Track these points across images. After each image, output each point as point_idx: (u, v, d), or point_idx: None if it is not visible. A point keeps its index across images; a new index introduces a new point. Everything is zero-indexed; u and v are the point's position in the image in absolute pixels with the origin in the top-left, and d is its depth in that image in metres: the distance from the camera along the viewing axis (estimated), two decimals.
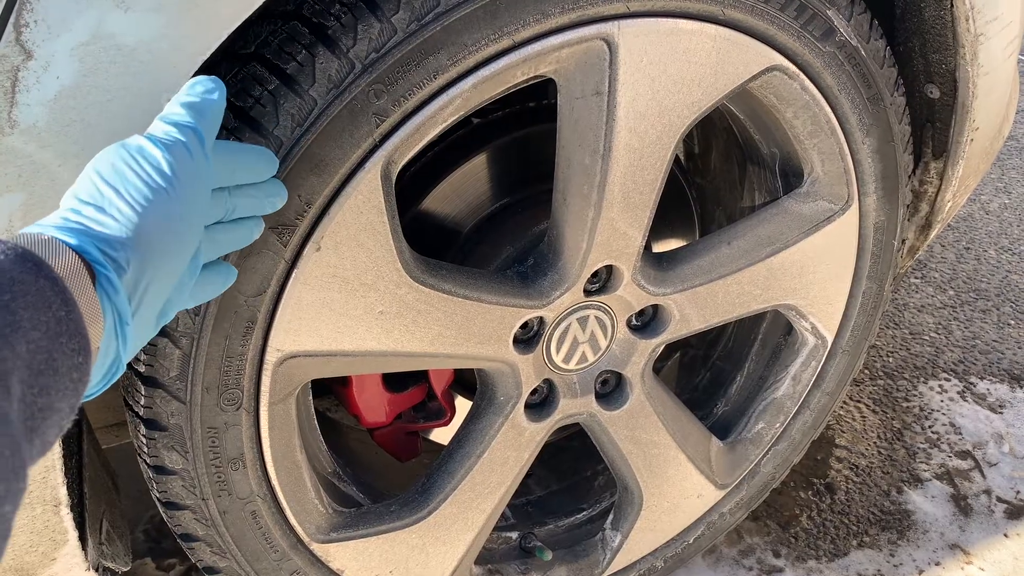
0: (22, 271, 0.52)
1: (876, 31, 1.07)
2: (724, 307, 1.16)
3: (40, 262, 0.54)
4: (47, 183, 0.68)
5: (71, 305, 0.54)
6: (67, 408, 0.54)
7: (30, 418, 0.50)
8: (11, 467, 0.46)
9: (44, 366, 0.51)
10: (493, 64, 0.84)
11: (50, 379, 0.52)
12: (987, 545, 1.58)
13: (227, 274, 0.76)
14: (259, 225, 0.76)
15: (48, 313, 0.52)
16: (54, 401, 0.52)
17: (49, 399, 0.52)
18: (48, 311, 0.52)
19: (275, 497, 0.98)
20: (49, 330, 0.52)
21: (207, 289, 0.74)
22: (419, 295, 0.92)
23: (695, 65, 0.94)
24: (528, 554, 1.30)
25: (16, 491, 0.47)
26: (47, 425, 0.52)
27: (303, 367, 0.91)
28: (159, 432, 0.88)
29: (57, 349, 0.52)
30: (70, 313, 0.54)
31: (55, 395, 0.52)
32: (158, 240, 0.61)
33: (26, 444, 0.49)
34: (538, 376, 1.08)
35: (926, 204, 1.35)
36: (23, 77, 0.63)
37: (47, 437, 0.52)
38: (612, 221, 0.99)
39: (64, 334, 0.53)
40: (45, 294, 0.52)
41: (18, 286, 0.51)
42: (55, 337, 0.52)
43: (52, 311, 0.52)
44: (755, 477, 1.38)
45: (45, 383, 0.51)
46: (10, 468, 0.46)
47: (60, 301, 0.53)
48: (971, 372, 1.95)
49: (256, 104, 0.77)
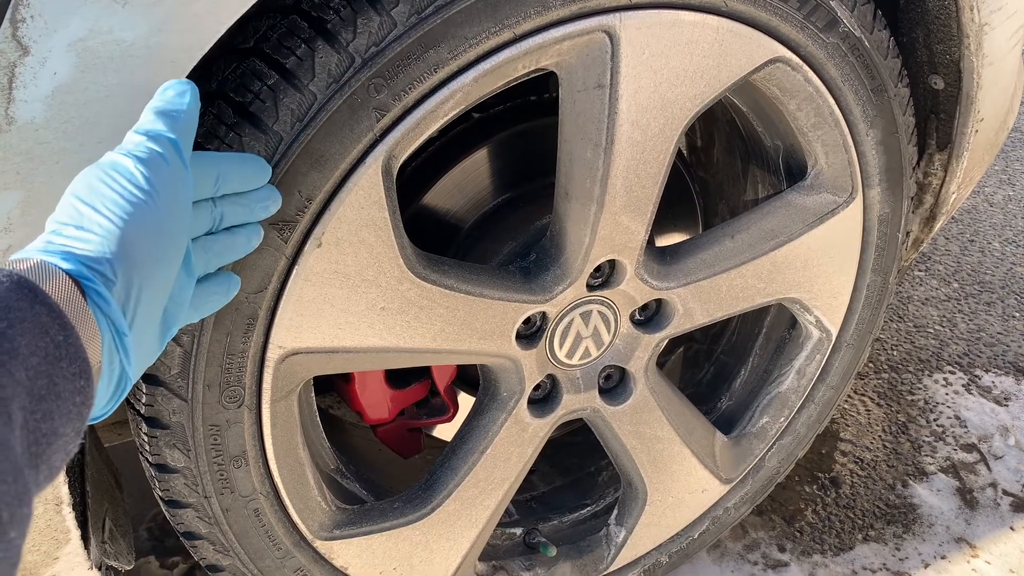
0: (18, 298, 0.52)
1: (879, 21, 1.06)
2: (728, 301, 1.15)
3: (35, 288, 0.53)
4: (46, 180, 0.67)
5: (69, 329, 0.54)
6: (72, 432, 0.54)
7: (34, 444, 0.50)
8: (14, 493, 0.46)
9: (45, 391, 0.51)
10: (494, 57, 0.83)
11: (52, 404, 0.51)
12: (993, 538, 1.57)
13: (229, 284, 0.75)
14: (257, 233, 0.76)
15: (46, 338, 0.52)
16: (58, 426, 0.52)
17: (52, 424, 0.51)
18: (46, 336, 0.52)
19: (278, 494, 0.97)
20: (48, 355, 0.52)
21: (209, 301, 0.74)
22: (421, 291, 0.92)
23: (698, 57, 0.93)
24: (532, 550, 1.30)
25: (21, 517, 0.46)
26: (52, 451, 0.52)
27: (305, 364, 0.90)
28: (161, 430, 0.88)
29: (58, 374, 0.52)
30: (68, 337, 0.54)
31: (58, 420, 0.52)
32: (142, 248, 0.61)
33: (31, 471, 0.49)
34: (541, 371, 1.08)
35: (930, 196, 1.34)
36: (20, 73, 0.63)
37: (53, 463, 0.52)
38: (615, 215, 0.98)
39: (64, 358, 0.53)
40: (42, 319, 0.52)
41: (14, 313, 0.51)
42: (55, 362, 0.52)
43: (50, 336, 0.52)
44: (760, 471, 1.38)
45: (47, 408, 0.51)
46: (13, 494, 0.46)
47: (58, 326, 0.53)
48: (976, 365, 1.95)
49: (255, 99, 0.77)
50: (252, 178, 0.74)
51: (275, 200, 0.76)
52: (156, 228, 0.62)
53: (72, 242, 0.59)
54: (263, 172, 0.75)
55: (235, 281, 0.76)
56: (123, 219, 0.60)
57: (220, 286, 0.75)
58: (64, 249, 0.59)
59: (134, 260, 0.60)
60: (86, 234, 0.59)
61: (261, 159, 0.75)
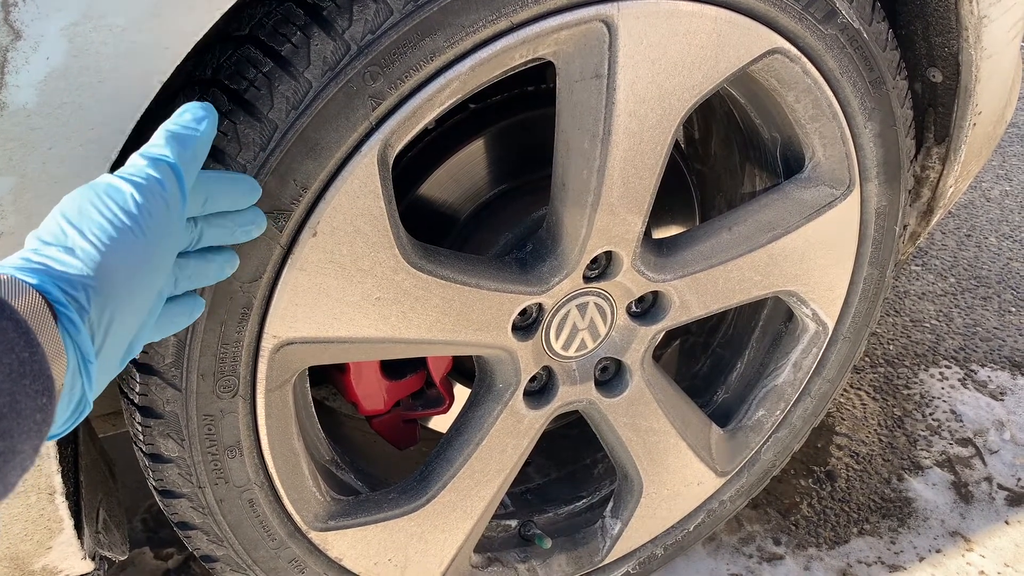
0: None
1: (878, 13, 1.05)
2: (725, 293, 1.15)
3: (2, 303, 0.52)
4: (38, 167, 0.67)
5: (35, 346, 0.52)
6: (30, 449, 0.52)
7: None
8: None
9: (7, 409, 0.50)
10: (491, 46, 0.82)
11: (12, 423, 0.50)
12: (988, 532, 1.58)
13: (194, 306, 0.73)
14: (231, 262, 0.74)
15: (11, 355, 0.51)
16: (16, 444, 0.51)
17: (11, 442, 0.50)
18: (11, 353, 0.51)
19: (272, 485, 0.97)
20: (12, 372, 0.50)
21: (174, 321, 0.72)
22: (416, 281, 0.91)
23: (696, 47, 0.93)
24: (527, 542, 1.30)
25: None
26: (9, 468, 0.50)
27: (300, 354, 0.90)
28: (155, 420, 0.88)
29: (20, 391, 0.51)
30: (34, 355, 0.52)
31: (17, 438, 0.51)
32: (123, 280, 0.59)
33: None
34: (537, 363, 1.07)
35: (928, 189, 1.34)
36: (12, 58, 0.62)
37: (9, 479, 0.51)
38: (612, 206, 0.98)
39: (27, 375, 0.51)
40: (8, 335, 0.51)
41: None
42: (18, 379, 0.51)
43: (15, 353, 0.51)
44: (755, 465, 1.38)
45: (7, 427, 0.50)
46: None
47: (24, 343, 0.52)
48: (972, 359, 1.95)
49: (250, 87, 0.76)
50: (240, 199, 0.72)
51: (259, 224, 0.74)
52: (140, 261, 0.61)
53: (51, 263, 0.58)
54: (252, 193, 0.73)
55: (200, 304, 0.74)
56: (108, 247, 0.59)
57: (186, 307, 0.73)
58: (41, 268, 0.57)
59: (112, 291, 0.59)
60: (67, 256, 0.58)
61: (253, 180, 0.73)
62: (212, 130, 0.66)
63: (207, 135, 0.65)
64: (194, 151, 0.65)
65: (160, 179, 0.62)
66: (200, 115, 0.65)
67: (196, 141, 0.65)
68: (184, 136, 0.64)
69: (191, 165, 0.65)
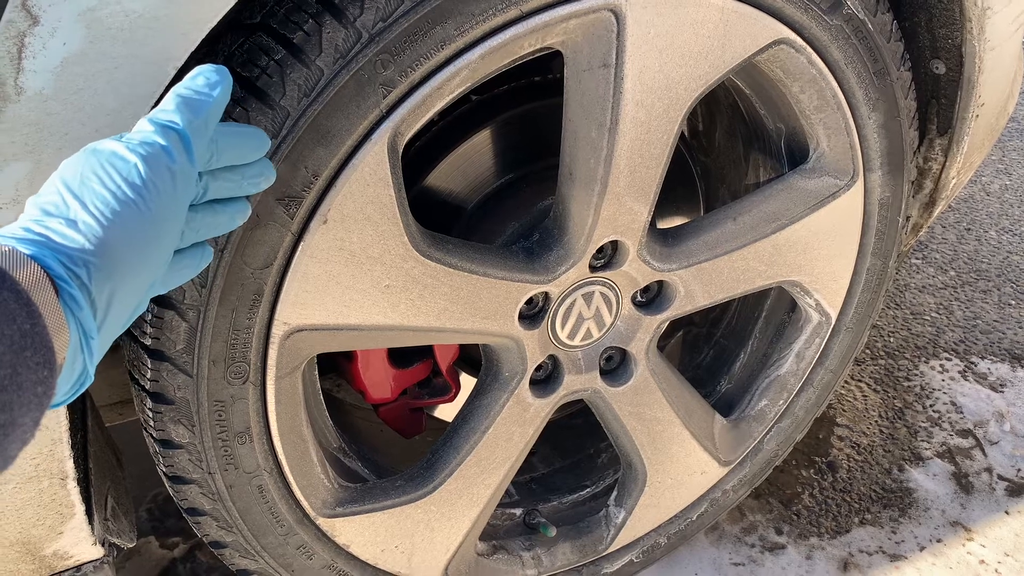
0: None
1: (883, 4, 1.06)
2: (729, 283, 1.16)
3: (3, 273, 0.51)
4: (54, 152, 0.67)
5: (36, 317, 0.51)
6: (31, 422, 0.51)
7: None
8: None
9: (7, 381, 0.49)
10: (501, 34, 0.83)
11: (13, 395, 0.49)
12: (988, 522, 1.59)
13: (201, 256, 0.68)
14: (243, 210, 0.69)
15: (12, 326, 0.49)
16: (17, 416, 0.50)
17: (12, 415, 0.49)
18: (12, 324, 0.49)
19: (281, 471, 0.98)
20: (13, 344, 0.49)
21: (180, 274, 0.68)
22: (425, 269, 0.92)
23: (703, 37, 0.93)
24: (532, 530, 1.30)
25: None
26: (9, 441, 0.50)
27: (309, 341, 0.91)
28: (166, 405, 0.88)
29: (21, 363, 0.50)
30: (35, 326, 0.51)
31: (18, 410, 0.50)
32: (126, 255, 0.57)
33: None
34: (543, 352, 1.08)
35: (930, 181, 1.34)
36: (29, 43, 0.63)
37: (9, 452, 0.50)
38: (618, 196, 0.98)
39: (29, 347, 0.50)
40: (9, 306, 0.50)
41: None
42: (19, 351, 0.50)
43: (17, 324, 0.50)
44: (758, 454, 1.38)
45: (7, 399, 0.49)
46: None
47: (25, 314, 0.50)
48: (972, 352, 1.96)
49: (262, 74, 0.77)
50: (249, 153, 0.68)
51: (268, 176, 0.70)
52: (145, 235, 0.58)
53: (53, 235, 0.56)
54: (262, 146, 0.68)
55: (208, 253, 0.69)
56: (111, 220, 0.57)
57: (193, 258, 0.68)
58: (42, 240, 0.55)
59: (115, 266, 0.57)
60: (69, 230, 0.56)
61: (262, 132, 0.70)
62: (225, 96, 0.62)
63: (220, 101, 0.62)
64: (205, 118, 0.61)
65: (167, 147, 0.59)
66: (214, 79, 0.62)
67: (208, 107, 0.61)
68: (196, 101, 0.61)
69: (201, 132, 0.61)
